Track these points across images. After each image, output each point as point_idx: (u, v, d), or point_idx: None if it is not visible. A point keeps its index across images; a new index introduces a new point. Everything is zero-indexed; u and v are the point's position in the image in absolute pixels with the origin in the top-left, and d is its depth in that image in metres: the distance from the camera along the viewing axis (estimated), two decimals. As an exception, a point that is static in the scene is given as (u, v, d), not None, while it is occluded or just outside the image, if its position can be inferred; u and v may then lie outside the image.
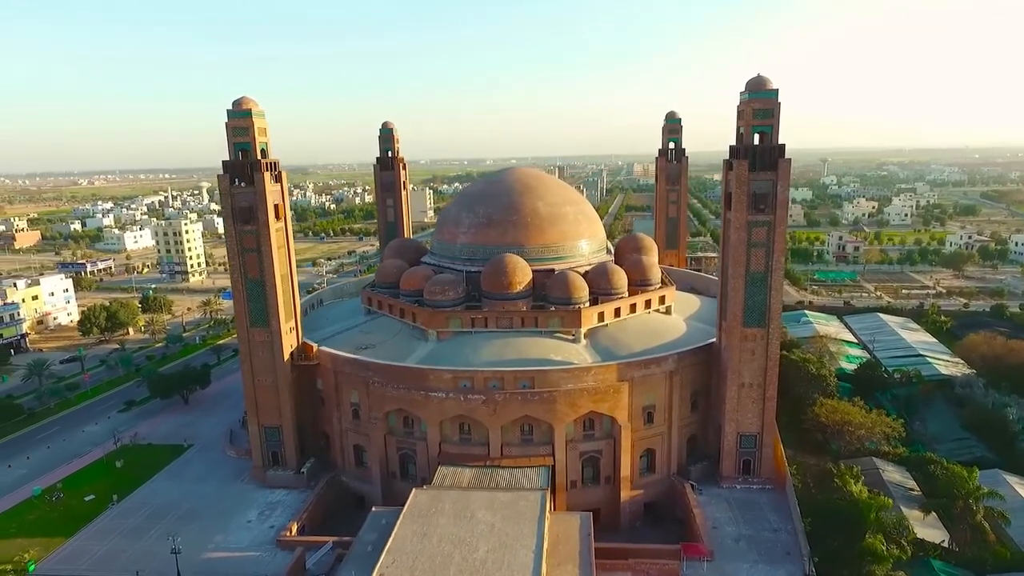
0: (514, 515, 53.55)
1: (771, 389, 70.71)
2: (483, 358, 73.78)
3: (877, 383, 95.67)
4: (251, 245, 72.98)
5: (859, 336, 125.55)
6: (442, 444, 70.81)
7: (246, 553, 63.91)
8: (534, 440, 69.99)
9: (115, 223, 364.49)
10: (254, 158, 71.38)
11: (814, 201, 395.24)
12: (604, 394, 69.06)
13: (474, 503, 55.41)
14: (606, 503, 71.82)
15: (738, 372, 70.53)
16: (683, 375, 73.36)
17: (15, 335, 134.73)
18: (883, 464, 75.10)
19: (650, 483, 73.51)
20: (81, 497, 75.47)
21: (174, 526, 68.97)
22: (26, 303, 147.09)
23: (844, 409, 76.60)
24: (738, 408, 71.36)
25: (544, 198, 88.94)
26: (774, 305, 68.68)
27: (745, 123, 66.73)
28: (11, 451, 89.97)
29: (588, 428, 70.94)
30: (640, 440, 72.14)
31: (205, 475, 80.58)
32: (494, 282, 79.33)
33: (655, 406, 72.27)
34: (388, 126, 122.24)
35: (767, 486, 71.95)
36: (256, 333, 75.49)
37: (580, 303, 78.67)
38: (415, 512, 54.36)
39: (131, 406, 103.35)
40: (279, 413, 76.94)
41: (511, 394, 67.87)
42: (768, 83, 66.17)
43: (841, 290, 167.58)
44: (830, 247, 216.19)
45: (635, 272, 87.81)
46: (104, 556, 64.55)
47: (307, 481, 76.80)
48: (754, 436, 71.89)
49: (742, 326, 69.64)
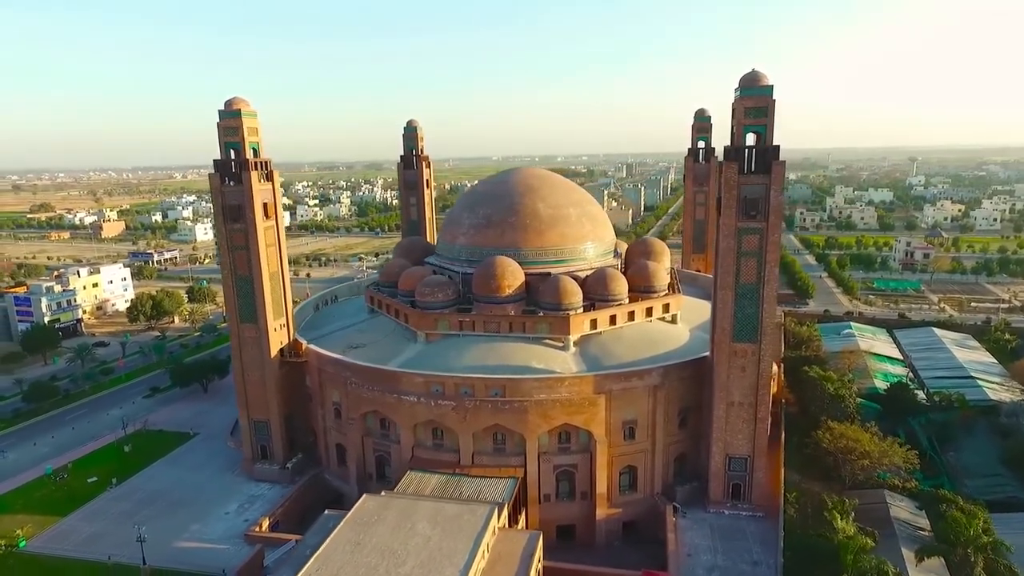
0: (455, 529, 51.79)
1: (763, 409, 65.49)
2: (464, 362, 72.27)
3: (908, 406, 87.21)
4: (240, 243, 74.40)
5: (906, 352, 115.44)
6: (415, 448, 69.90)
7: (214, 545, 65.29)
8: (506, 450, 67.90)
9: (192, 215, 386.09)
10: (243, 157, 72.56)
11: (893, 203, 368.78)
12: (579, 406, 66.06)
13: (418, 514, 54.00)
14: (582, 519, 68.90)
15: (727, 390, 65.75)
16: (670, 390, 69.19)
17: (72, 320, 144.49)
18: (895, 498, 68.20)
19: (631, 502, 69.90)
20: (85, 479, 79.47)
21: (159, 512, 71.70)
22: (86, 290, 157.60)
23: (852, 434, 69.99)
24: (726, 428, 66.57)
25: (546, 199, 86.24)
26: (766, 319, 63.44)
27: (736, 122, 61.82)
28: (41, 430, 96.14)
29: (564, 441, 68.15)
30: (620, 456, 68.69)
31: (202, 464, 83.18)
32: (483, 285, 77.60)
33: (636, 421, 68.54)
34: (412, 124, 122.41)
35: (758, 513, 66.86)
36: (246, 329, 77.03)
37: (570, 309, 75.70)
38: (358, 519, 53.54)
39: (155, 392, 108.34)
40: (267, 408, 78.27)
41: (482, 402, 66.03)
42: (762, 79, 61.01)
43: (898, 301, 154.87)
44: (897, 253, 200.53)
45: (639, 278, 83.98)
46: (89, 537, 67.60)
47: (291, 476, 77.83)
48: (744, 459, 66.89)
49: (731, 341, 64.82)
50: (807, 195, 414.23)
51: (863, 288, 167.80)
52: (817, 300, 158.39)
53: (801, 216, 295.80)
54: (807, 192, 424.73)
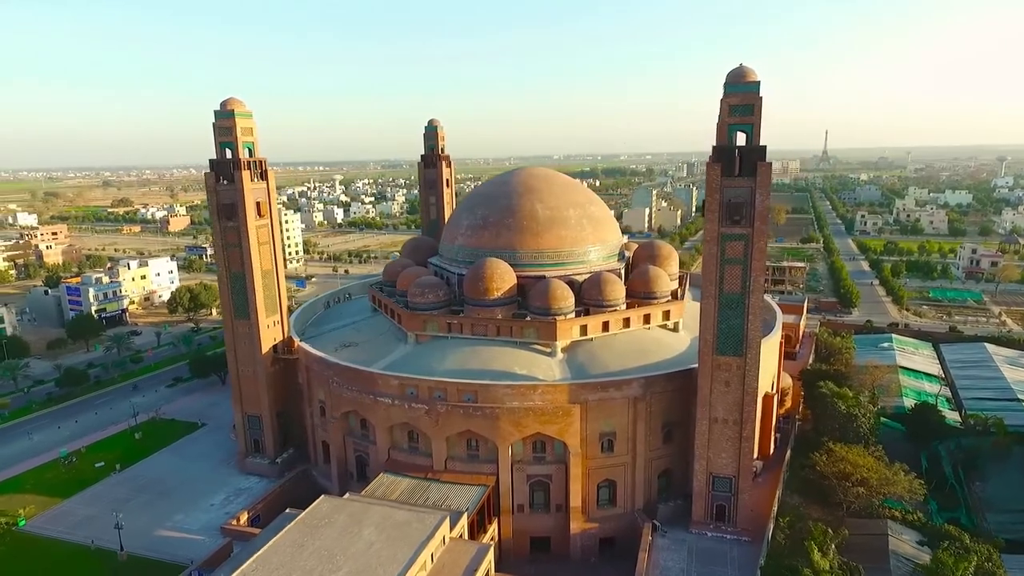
0: (400, 537, 50.84)
1: (748, 428, 61.37)
2: (446, 366, 71.27)
3: (934, 428, 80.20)
4: (234, 240, 75.92)
5: (948, 369, 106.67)
6: (391, 451, 69.49)
7: (192, 536, 66.87)
8: (480, 457, 66.47)
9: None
10: (236, 157, 73.96)
11: (970, 206, 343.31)
12: (552, 416, 63.85)
13: (369, 518, 53.34)
14: (557, 532, 66.70)
15: (709, 405, 62.01)
16: (652, 402, 65.96)
17: (117, 309, 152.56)
18: (899, 530, 62.61)
19: (610, 517, 67.09)
20: (93, 463, 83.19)
21: (151, 500, 74.22)
22: (134, 282, 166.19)
23: (852, 458, 64.64)
24: (710, 446, 62.82)
25: (544, 200, 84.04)
26: (752, 331, 59.32)
27: (721, 121, 57.98)
28: (67, 414, 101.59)
29: (538, 450, 66.07)
30: (597, 469, 66.02)
31: (202, 454, 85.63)
32: (473, 287, 76.35)
33: (615, 434, 65.69)
34: (433, 123, 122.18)
35: (743, 538, 62.80)
36: (240, 325, 78.63)
37: (558, 314, 73.48)
38: (308, 520, 53.37)
39: (177, 383, 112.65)
40: (260, 403, 79.70)
41: (453, 406, 64.81)
42: (749, 75, 56.93)
43: (951, 312, 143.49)
44: (961, 261, 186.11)
45: (639, 283, 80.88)
46: (82, 520, 70.56)
47: (280, 471, 78.99)
48: (729, 479, 62.94)
49: (715, 353, 61.03)
50: (875, 197, 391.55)
51: (917, 298, 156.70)
52: (863, 309, 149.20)
53: (861, 219, 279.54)
54: (875, 194, 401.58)
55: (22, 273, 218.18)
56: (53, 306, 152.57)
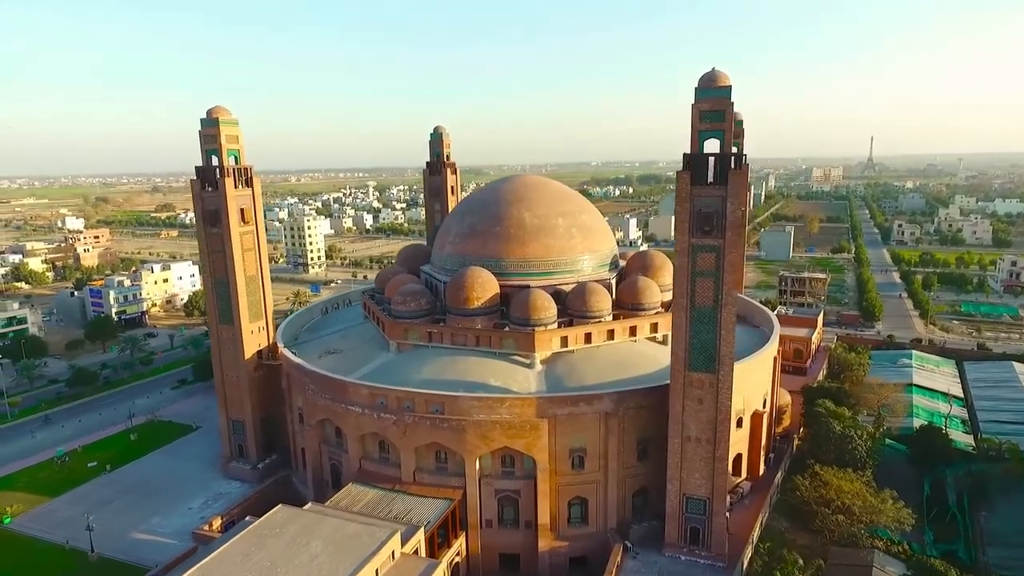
0: (346, 550, 49.90)
1: (722, 448, 58.51)
2: (422, 376, 70.30)
3: (938, 453, 75.41)
4: (218, 246, 76.69)
5: (969, 389, 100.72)
6: (363, 460, 68.81)
7: (165, 540, 67.38)
8: (448, 470, 65.22)
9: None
10: (219, 164, 74.75)
11: (1020, 215, 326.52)
12: (519, 430, 62.17)
13: (320, 530, 52.60)
14: (527, 550, 64.84)
15: (681, 423, 59.42)
16: (625, 419, 63.66)
17: (137, 312, 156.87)
18: (887, 562, 58.69)
19: (581, 535, 64.92)
20: (86, 463, 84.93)
21: (133, 502, 75.27)
22: (156, 285, 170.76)
23: (837, 482, 61.00)
24: (682, 465, 60.18)
25: (532, 208, 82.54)
26: (724, 347, 56.62)
27: (693, 127, 55.63)
28: (74, 414, 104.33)
29: (507, 465, 64.46)
30: (567, 486, 63.99)
31: (192, 457, 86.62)
32: (454, 296, 75.39)
33: (585, 450, 63.58)
34: (438, 130, 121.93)
35: (718, 563, 59.90)
36: (224, 330, 79.31)
37: (538, 324, 71.87)
38: (260, 530, 52.95)
39: (182, 385, 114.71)
40: (243, 408, 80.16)
41: (421, 418, 63.74)
42: (720, 79, 54.52)
43: (980, 327, 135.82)
44: (999, 273, 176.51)
45: (627, 294, 78.78)
46: (64, 520, 71.84)
47: (261, 477, 79.21)
48: (703, 501, 60.12)
49: (687, 370, 58.47)
50: (918, 206, 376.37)
51: (948, 312, 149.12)
52: (888, 323, 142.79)
53: (899, 229, 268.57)
54: (919, 202, 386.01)
55: (60, 275, 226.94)
56: (78, 308, 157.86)
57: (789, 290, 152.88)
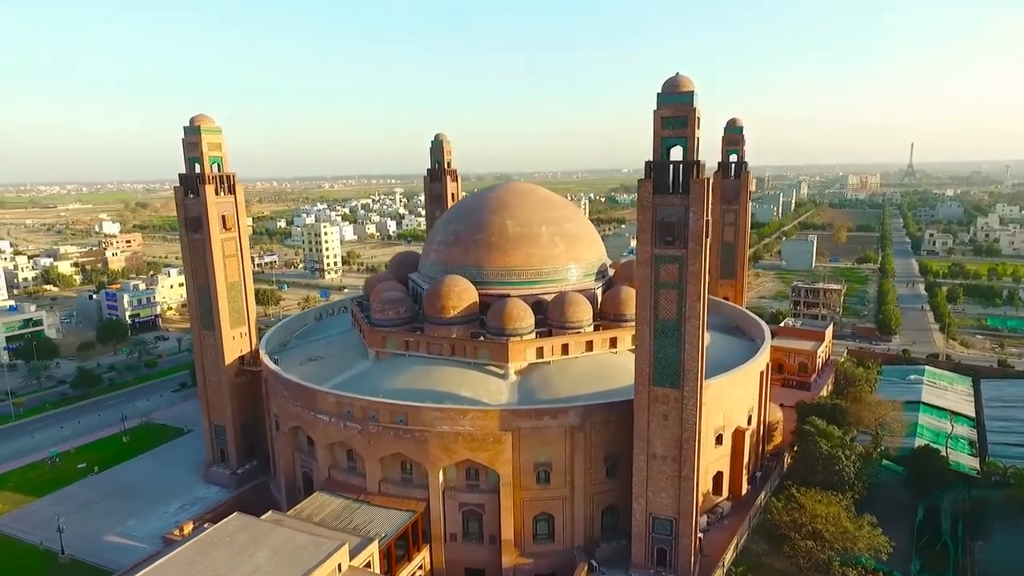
0: (290, 562, 49.28)
1: (687, 467, 56.26)
2: (395, 385, 69.67)
3: (935, 475, 71.40)
4: (199, 252, 77.46)
5: (983, 408, 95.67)
6: (331, 469, 68.34)
7: (136, 543, 67.81)
8: (413, 481, 64.27)
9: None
10: (201, 171, 75.54)
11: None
12: (482, 442, 60.87)
13: (270, 540, 52.14)
14: (491, 565, 63.37)
15: (647, 440, 57.40)
16: (592, 433, 61.87)
17: (151, 315, 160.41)
18: (866, 590, 55.65)
19: (547, 552, 63.22)
20: (76, 464, 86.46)
21: (114, 505, 76.14)
22: (172, 288, 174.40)
23: (811, 506, 58.01)
24: (648, 484, 58.12)
25: (516, 216, 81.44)
26: (689, 362, 54.49)
27: (655, 134, 53.84)
28: (75, 415, 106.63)
29: (472, 477, 63.24)
30: (532, 502, 62.42)
31: (178, 460, 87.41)
32: (431, 304, 74.70)
33: (551, 464, 61.93)
34: (439, 138, 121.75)
35: (685, 586, 57.58)
36: (207, 335, 79.98)
37: (513, 334, 70.67)
38: (209, 538, 52.77)
39: (183, 388, 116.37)
40: (224, 413, 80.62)
41: (385, 427, 62.96)
42: (683, 84, 52.63)
43: (1004, 343, 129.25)
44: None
45: (609, 304, 77.26)
46: (45, 521, 72.77)
47: (240, 482, 79.45)
48: (670, 521, 57.91)
49: (651, 384, 56.50)
50: (956, 215, 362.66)
51: (972, 326, 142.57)
52: (906, 337, 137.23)
53: (930, 238, 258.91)
54: (956, 211, 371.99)
55: (87, 278, 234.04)
56: (95, 310, 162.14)
57: (803, 301, 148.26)
